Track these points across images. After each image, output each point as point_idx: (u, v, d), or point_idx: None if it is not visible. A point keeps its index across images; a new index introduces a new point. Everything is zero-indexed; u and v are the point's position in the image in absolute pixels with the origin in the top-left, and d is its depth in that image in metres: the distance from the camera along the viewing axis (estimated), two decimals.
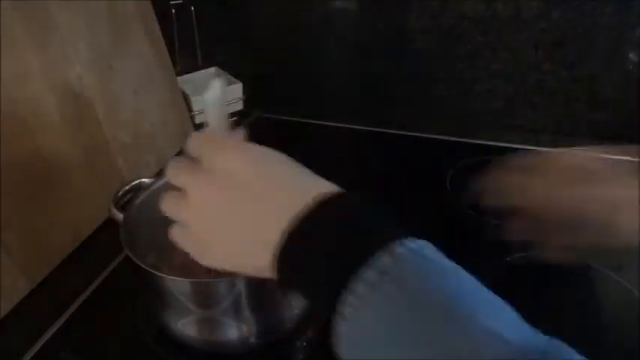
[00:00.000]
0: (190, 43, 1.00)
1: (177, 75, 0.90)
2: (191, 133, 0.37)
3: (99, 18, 0.72)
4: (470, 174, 0.51)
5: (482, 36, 0.87)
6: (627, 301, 0.58)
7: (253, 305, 0.49)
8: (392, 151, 0.89)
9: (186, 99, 0.91)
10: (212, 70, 1.01)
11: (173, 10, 0.94)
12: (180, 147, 0.87)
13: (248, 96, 0.98)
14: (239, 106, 0.98)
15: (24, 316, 0.58)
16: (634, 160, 0.45)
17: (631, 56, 0.81)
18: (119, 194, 0.57)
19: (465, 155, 0.83)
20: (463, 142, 0.89)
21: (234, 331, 0.51)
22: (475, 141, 0.89)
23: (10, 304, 0.58)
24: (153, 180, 0.58)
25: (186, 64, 0.99)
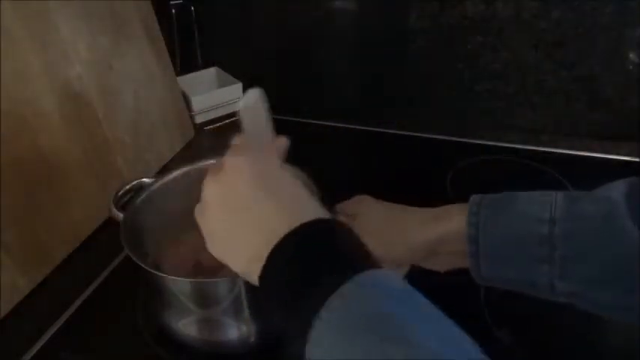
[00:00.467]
0: (190, 43, 1.00)
1: (177, 75, 0.90)
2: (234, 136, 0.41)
3: (99, 18, 0.72)
4: (470, 174, 0.51)
5: (482, 36, 0.87)
6: None
7: (253, 305, 0.49)
8: (392, 151, 0.89)
9: (186, 99, 0.91)
10: (212, 70, 1.01)
11: (173, 10, 0.94)
12: (179, 147, 0.88)
13: None
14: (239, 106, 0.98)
15: (24, 316, 0.58)
16: None
17: (631, 56, 0.81)
18: (119, 194, 0.57)
19: (465, 155, 0.83)
20: (463, 142, 0.89)
21: (234, 331, 0.51)
22: (475, 141, 0.89)
23: (10, 304, 0.58)
24: (153, 180, 0.58)
25: (186, 64, 0.99)
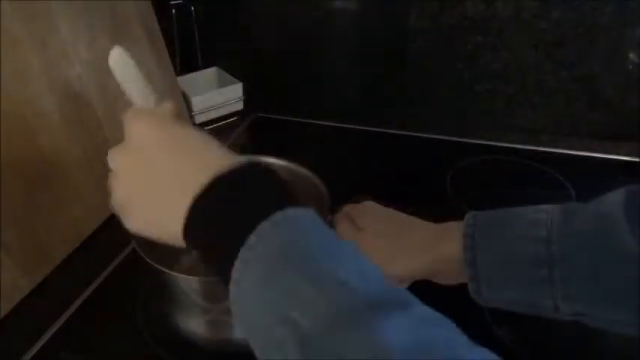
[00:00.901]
0: (190, 43, 1.00)
1: (177, 75, 0.90)
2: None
3: (99, 18, 0.72)
4: (470, 174, 0.51)
5: (482, 36, 0.87)
6: None
7: None
8: (392, 151, 0.89)
9: (186, 99, 0.91)
10: (212, 70, 1.01)
11: (173, 10, 0.94)
12: None
13: (248, 96, 0.98)
14: (239, 106, 0.98)
15: (24, 316, 0.58)
16: None
17: (631, 56, 0.81)
18: None
19: (465, 155, 0.83)
20: (463, 142, 0.89)
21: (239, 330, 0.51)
22: (475, 141, 0.89)
23: (11, 304, 0.58)
24: None
25: (186, 64, 0.99)
